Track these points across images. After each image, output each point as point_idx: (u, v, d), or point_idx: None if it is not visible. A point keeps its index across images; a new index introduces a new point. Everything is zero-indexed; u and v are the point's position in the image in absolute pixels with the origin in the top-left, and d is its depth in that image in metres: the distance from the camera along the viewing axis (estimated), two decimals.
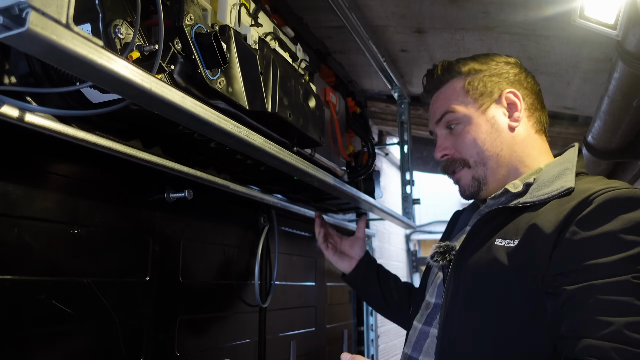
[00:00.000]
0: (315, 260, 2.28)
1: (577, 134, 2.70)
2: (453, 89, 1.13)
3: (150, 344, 1.24)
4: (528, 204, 0.95)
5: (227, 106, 1.12)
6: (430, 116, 1.18)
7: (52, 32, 0.58)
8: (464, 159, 1.11)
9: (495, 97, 1.11)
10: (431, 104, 1.19)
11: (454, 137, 1.13)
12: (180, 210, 1.40)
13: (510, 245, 0.92)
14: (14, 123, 0.81)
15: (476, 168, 1.09)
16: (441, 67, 1.16)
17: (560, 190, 0.93)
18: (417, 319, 1.11)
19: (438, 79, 1.16)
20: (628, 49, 1.24)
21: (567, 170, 0.99)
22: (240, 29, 1.19)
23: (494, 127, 1.09)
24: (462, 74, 1.13)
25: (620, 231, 0.81)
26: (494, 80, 1.12)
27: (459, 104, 1.11)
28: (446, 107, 1.12)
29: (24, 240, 0.96)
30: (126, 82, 0.71)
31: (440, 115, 1.14)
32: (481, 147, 1.08)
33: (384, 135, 3.73)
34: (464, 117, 1.10)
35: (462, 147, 1.10)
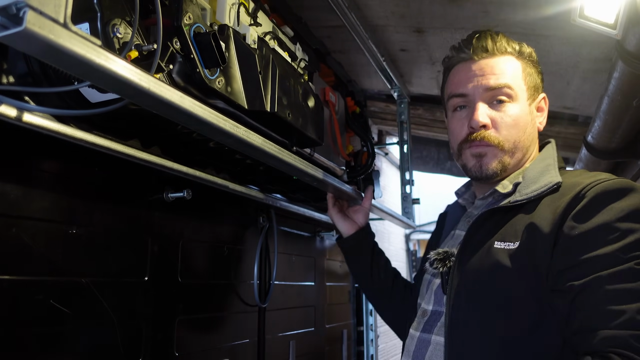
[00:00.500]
0: (315, 260, 2.28)
1: (577, 133, 2.70)
2: (513, 66, 1.05)
3: (149, 344, 1.24)
4: (519, 202, 0.96)
5: (226, 106, 1.12)
6: (475, 78, 1.04)
7: (49, 32, 0.57)
8: (501, 139, 1.03)
9: (537, 96, 1.09)
10: (478, 66, 1.05)
11: (498, 112, 1.03)
12: (179, 210, 1.40)
13: (511, 248, 0.91)
14: (12, 123, 0.81)
15: (507, 154, 1.03)
16: (503, 37, 1.06)
17: (549, 185, 0.94)
18: (413, 327, 1.08)
19: (499, 47, 1.05)
20: (628, 48, 1.24)
21: (550, 166, 1.01)
22: (239, 29, 1.19)
23: (532, 122, 1.07)
24: (522, 55, 1.07)
25: (615, 220, 0.83)
26: (540, 79, 1.10)
27: (517, 83, 1.04)
28: (507, 81, 1.03)
29: (22, 240, 0.96)
30: (124, 82, 0.71)
31: (498, 85, 1.02)
32: (521, 136, 1.04)
33: (383, 134, 3.73)
34: (517, 99, 1.03)
35: (506, 127, 1.02)
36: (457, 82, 1.08)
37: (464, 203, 1.19)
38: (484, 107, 1.03)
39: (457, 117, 1.09)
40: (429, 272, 1.13)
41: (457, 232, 1.13)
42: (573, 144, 2.86)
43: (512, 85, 1.03)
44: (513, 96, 1.03)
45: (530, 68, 1.07)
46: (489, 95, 1.04)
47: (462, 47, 1.08)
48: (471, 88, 1.04)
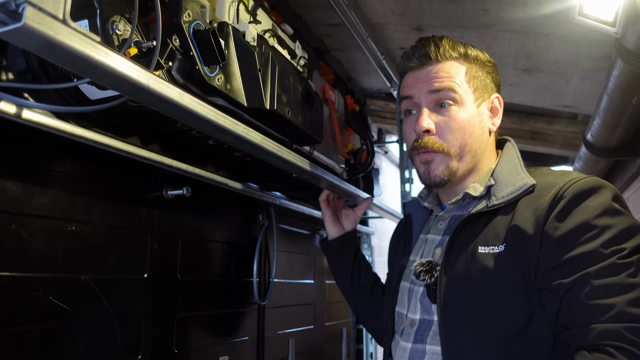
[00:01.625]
0: (314, 258, 2.28)
1: (577, 132, 2.70)
2: (457, 69, 1.05)
3: (149, 341, 1.24)
4: (497, 206, 0.98)
5: (226, 103, 1.12)
6: (420, 82, 1.06)
7: (48, 28, 0.58)
8: (446, 144, 1.04)
9: (486, 97, 1.09)
10: (424, 72, 1.07)
11: (443, 117, 1.04)
12: (179, 208, 1.40)
13: (495, 251, 0.94)
14: (12, 119, 0.81)
15: (453, 159, 1.04)
16: (447, 42, 1.07)
17: (524, 188, 0.97)
18: (403, 338, 1.06)
19: (442, 53, 1.06)
20: (627, 46, 1.24)
21: (517, 166, 1.03)
22: (239, 26, 1.19)
23: (481, 125, 1.06)
24: (467, 59, 1.07)
25: (592, 219, 0.87)
26: (489, 79, 1.10)
27: (461, 86, 1.04)
28: (450, 84, 1.03)
29: (21, 237, 0.96)
30: (123, 78, 0.71)
31: (441, 88, 1.03)
32: (467, 140, 1.04)
33: (383, 133, 3.73)
34: (462, 102, 1.04)
35: (450, 132, 1.03)
36: (405, 86, 1.10)
37: (430, 206, 1.17)
38: (427, 112, 1.05)
39: (407, 122, 1.11)
40: (410, 282, 1.11)
41: (430, 236, 1.12)
42: (572, 143, 2.86)
43: (455, 89, 1.03)
44: (457, 100, 1.04)
45: (476, 70, 1.07)
46: (433, 99, 1.05)
47: (409, 55, 1.10)
48: (416, 91, 1.07)
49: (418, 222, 1.21)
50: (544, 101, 2.51)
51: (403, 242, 1.23)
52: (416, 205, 1.23)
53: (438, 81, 1.04)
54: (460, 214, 1.07)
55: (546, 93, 2.40)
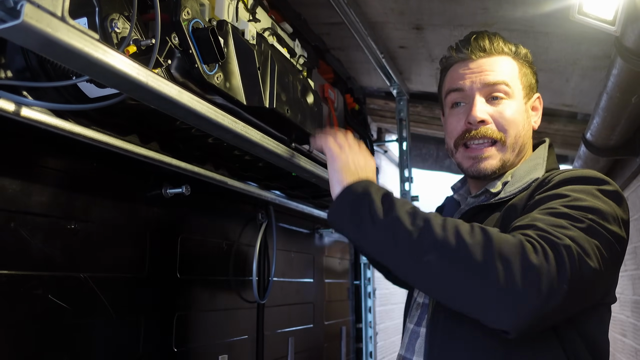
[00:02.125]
0: (314, 256, 2.28)
1: (576, 131, 2.70)
2: (509, 65, 1.07)
3: (148, 340, 1.24)
4: (502, 199, 1.00)
5: (225, 101, 1.12)
6: (473, 74, 1.06)
7: (47, 25, 0.58)
8: (503, 134, 1.04)
9: (532, 95, 1.11)
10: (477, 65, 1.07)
11: (495, 109, 1.04)
12: (178, 206, 1.40)
13: None
14: (11, 117, 0.81)
15: (508, 150, 1.04)
16: (500, 38, 1.09)
17: (528, 182, 0.98)
18: (409, 319, 1.11)
19: (496, 47, 1.07)
20: (627, 45, 1.24)
21: (538, 165, 1.03)
22: (238, 24, 1.19)
23: (527, 120, 1.09)
24: (518, 56, 1.09)
25: (569, 191, 0.87)
26: (535, 79, 1.12)
27: (514, 81, 1.06)
28: (504, 78, 1.05)
29: (20, 235, 0.96)
30: (122, 76, 0.71)
31: (496, 81, 1.04)
32: (520, 132, 1.05)
33: (382, 132, 3.72)
34: (514, 96, 1.05)
35: (507, 122, 1.04)
36: (455, 78, 1.09)
37: (459, 199, 1.20)
38: (482, 102, 1.04)
39: (454, 114, 1.09)
40: None
41: None
42: (572, 142, 2.86)
43: (509, 83, 1.04)
44: (510, 93, 1.04)
45: (525, 68, 1.09)
46: (487, 91, 1.04)
47: (459, 47, 1.09)
48: (469, 84, 1.05)
49: (447, 213, 1.22)
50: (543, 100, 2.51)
51: None
52: (452, 198, 1.25)
53: (493, 74, 1.04)
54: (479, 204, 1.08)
55: (546, 92, 2.39)
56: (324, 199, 2.12)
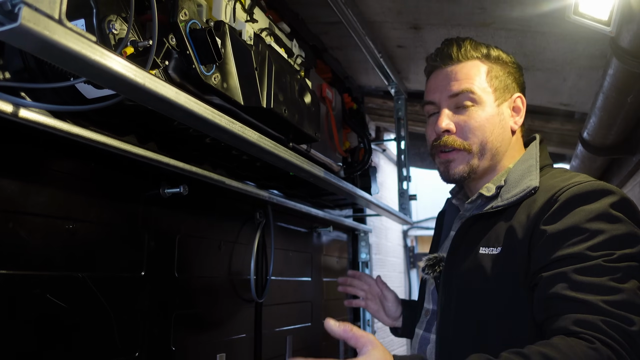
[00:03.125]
0: (312, 255, 2.29)
1: (574, 130, 2.71)
2: (477, 70, 1.09)
3: (146, 339, 1.25)
4: (500, 208, 1.00)
5: (222, 102, 1.12)
6: (440, 86, 1.11)
7: (44, 28, 0.58)
8: (467, 142, 1.07)
9: (508, 97, 1.11)
10: (444, 74, 1.11)
11: (463, 117, 1.07)
12: (176, 206, 1.40)
13: (494, 253, 0.96)
14: (9, 119, 0.82)
15: (474, 156, 1.07)
16: (469, 43, 1.11)
17: (526, 190, 0.98)
18: (418, 326, 1.15)
19: (464, 53, 1.10)
20: (622, 45, 1.25)
21: (531, 167, 1.04)
22: (236, 25, 1.19)
23: (501, 123, 1.09)
24: (489, 59, 1.10)
25: (584, 222, 0.87)
26: (511, 79, 1.12)
27: (480, 87, 1.07)
28: (468, 85, 1.07)
29: (19, 235, 0.96)
30: (120, 78, 0.71)
31: (459, 90, 1.07)
32: (487, 137, 1.07)
33: (381, 131, 3.73)
34: (480, 102, 1.07)
35: (470, 130, 1.06)
36: (427, 89, 1.15)
37: (457, 203, 1.22)
38: (448, 113, 1.08)
39: (430, 123, 1.14)
40: (427, 277, 1.19)
41: (452, 233, 1.17)
42: (569, 141, 2.87)
43: (474, 90, 1.06)
44: (476, 100, 1.07)
45: (498, 70, 1.10)
46: (453, 101, 1.08)
47: (433, 57, 1.14)
48: (437, 97, 1.11)
49: (449, 218, 1.25)
50: (540, 99, 2.52)
51: (435, 238, 1.29)
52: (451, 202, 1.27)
53: (457, 84, 1.08)
54: (477, 213, 1.08)
55: (543, 91, 2.40)
56: (322, 199, 2.12)
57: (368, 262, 2.86)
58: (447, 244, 1.16)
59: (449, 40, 1.13)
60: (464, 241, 1.04)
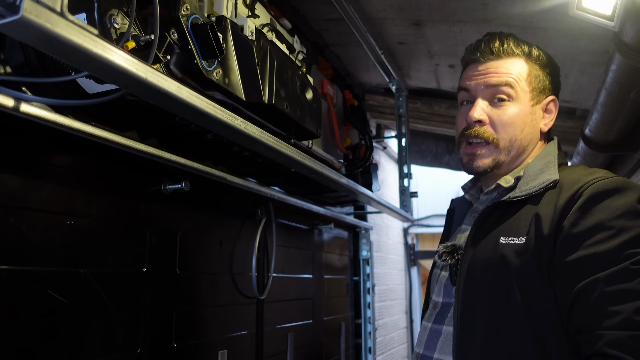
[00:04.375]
0: (313, 252, 2.28)
1: (575, 127, 2.70)
2: (518, 67, 1.08)
3: (148, 335, 1.24)
4: (519, 198, 0.99)
5: (224, 97, 1.12)
6: (479, 76, 1.10)
7: (46, 20, 0.58)
8: (497, 136, 1.07)
9: (543, 97, 1.11)
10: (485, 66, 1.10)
11: (497, 110, 1.07)
12: (177, 202, 1.40)
13: (516, 243, 0.95)
14: (10, 113, 0.81)
15: (502, 152, 1.07)
16: (512, 40, 1.10)
17: (546, 183, 0.98)
18: (425, 318, 1.14)
19: (505, 49, 1.09)
20: (625, 40, 1.24)
21: (550, 163, 1.04)
22: (237, 20, 1.19)
23: (533, 123, 1.09)
24: (530, 58, 1.10)
25: (610, 219, 0.87)
26: (549, 81, 1.12)
27: (519, 83, 1.07)
28: (508, 80, 1.06)
29: (20, 231, 0.96)
30: (122, 72, 0.71)
31: (499, 83, 1.07)
32: (517, 135, 1.06)
33: (382, 128, 3.72)
34: (517, 98, 1.07)
35: (502, 125, 1.06)
36: (465, 78, 1.13)
37: (470, 198, 1.21)
38: (483, 103, 1.08)
39: (462, 111, 1.13)
40: (438, 266, 1.17)
41: (464, 226, 1.16)
42: (571, 138, 2.86)
43: (512, 84, 1.06)
44: (513, 96, 1.06)
45: (537, 71, 1.10)
46: (489, 92, 1.08)
47: (473, 49, 1.13)
48: (474, 85, 1.09)
49: (459, 214, 1.24)
50: None
51: (445, 234, 1.27)
52: (461, 200, 1.26)
53: (496, 76, 1.07)
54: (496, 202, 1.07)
55: None
56: (323, 195, 2.12)
57: (369, 260, 2.86)
58: (459, 235, 1.15)
59: (491, 35, 1.12)
60: (482, 230, 1.03)
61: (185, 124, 1.17)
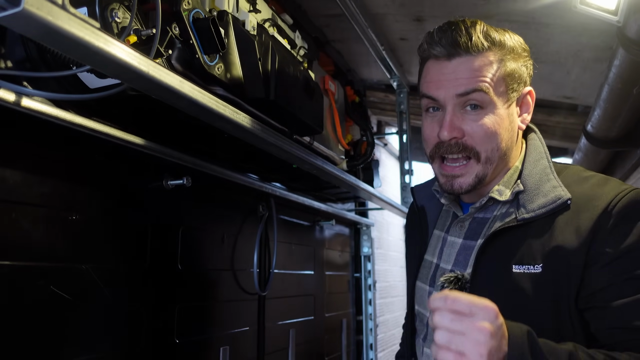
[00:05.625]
0: (314, 249, 2.28)
1: (577, 123, 2.70)
2: (490, 64, 0.91)
3: (150, 331, 1.24)
4: (527, 220, 0.90)
5: (226, 92, 1.12)
6: (447, 81, 0.93)
7: (47, 13, 0.57)
8: (476, 150, 0.92)
9: (519, 93, 0.96)
10: (452, 67, 0.92)
11: (470, 121, 0.92)
12: (179, 198, 1.40)
13: (533, 272, 0.87)
14: (11, 107, 0.81)
15: (484, 165, 0.93)
16: (480, 31, 0.92)
17: (558, 203, 0.89)
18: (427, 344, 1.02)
19: (475, 43, 0.91)
20: (629, 35, 1.24)
21: (547, 169, 0.95)
22: (239, 15, 1.18)
23: (511, 126, 0.95)
24: (503, 49, 0.93)
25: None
26: (524, 71, 0.96)
27: (493, 85, 0.91)
28: (481, 85, 0.90)
29: (21, 226, 0.95)
30: (123, 65, 0.71)
31: (471, 90, 0.90)
32: (498, 144, 0.93)
33: (382, 125, 3.72)
34: (492, 104, 0.91)
35: (480, 137, 0.92)
36: (428, 81, 0.97)
37: (447, 202, 1.06)
38: (454, 114, 0.93)
39: (429, 120, 0.98)
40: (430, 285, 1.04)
41: (450, 238, 1.03)
42: (572, 134, 2.86)
43: (486, 90, 0.90)
44: (487, 102, 0.91)
45: (512, 63, 0.94)
46: (461, 101, 0.92)
47: (435, 42, 0.94)
48: (443, 94, 0.93)
49: (431, 215, 1.12)
50: (544, 92, 2.50)
51: (419, 236, 1.14)
52: (429, 196, 1.12)
53: (467, 82, 0.91)
54: (483, 217, 0.99)
55: (546, 84, 2.39)
56: (324, 192, 2.12)
57: (370, 257, 2.86)
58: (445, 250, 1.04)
59: (455, 25, 0.93)
60: (487, 258, 0.92)
61: (186, 119, 1.16)
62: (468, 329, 0.69)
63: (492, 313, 0.70)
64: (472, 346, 0.68)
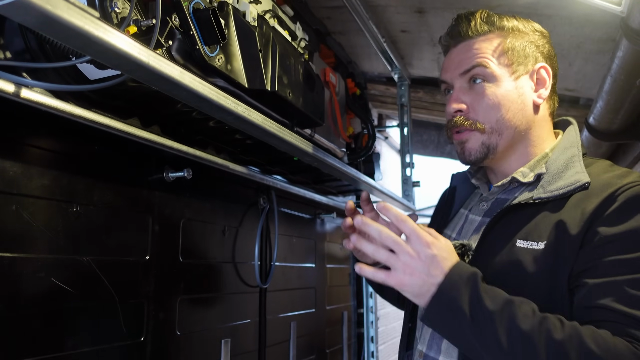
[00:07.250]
0: (315, 242, 2.28)
1: (578, 116, 2.68)
2: (490, 43, 1.01)
3: (151, 323, 1.24)
4: (543, 200, 0.92)
5: (226, 84, 1.11)
6: (452, 64, 1.05)
7: (46, 2, 0.56)
8: (479, 121, 1.00)
9: (529, 68, 1.02)
10: (456, 52, 1.05)
11: (475, 94, 1.01)
12: (180, 190, 1.39)
13: (535, 248, 0.89)
14: (10, 98, 0.80)
15: (490, 135, 1.00)
16: (481, 16, 1.03)
17: (576, 185, 0.90)
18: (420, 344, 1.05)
19: (475, 27, 1.02)
20: (632, 26, 1.22)
21: (574, 157, 0.96)
22: (239, 6, 1.17)
23: (521, 98, 1.00)
24: (503, 30, 1.02)
25: None
26: (532, 49, 1.03)
27: (493, 61, 1.00)
28: (479, 60, 1.00)
29: (22, 218, 0.95)
30: (123, 56, 0.70)
31: (470, 67, 1.00)
32: (503, 115, 0.99)
33: (383, 118, 3.71)
34: (494, 77, 1.00)
35: (482, 109, 1.00)
36: (442, 69, 1.09)
37: (478, 183, 1.13)
38: (460, 90, 1.03)
39: (446, 101, 1.08)
40: None
41: (471, 216, 1.08)
42: None
43: (486, 64, 1.00)
44: (489, 75, 1.00)
45: (515, 40, 1.02)
46: (465, 78, 1.03)
47: (445, 35, 1.09)
48: (449, 74, 1.06)
49: (461, 195, 1.18)
50: None
51: (442, 214, 1.20)
52: (463, 178, 1.19)
53: (467, 60, 1.02)
54: (504, 198, 1.02)
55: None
56: (325, 184, 2.11)
57: None
58: (463, 224, 1.09)
59: (459, 16, 1.06)
60: (496, 231, 0.95)
61: (187, 110, 1.16)
62: (400, 248, 0.84)
63: (424, 243, 0.84)
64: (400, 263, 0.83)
